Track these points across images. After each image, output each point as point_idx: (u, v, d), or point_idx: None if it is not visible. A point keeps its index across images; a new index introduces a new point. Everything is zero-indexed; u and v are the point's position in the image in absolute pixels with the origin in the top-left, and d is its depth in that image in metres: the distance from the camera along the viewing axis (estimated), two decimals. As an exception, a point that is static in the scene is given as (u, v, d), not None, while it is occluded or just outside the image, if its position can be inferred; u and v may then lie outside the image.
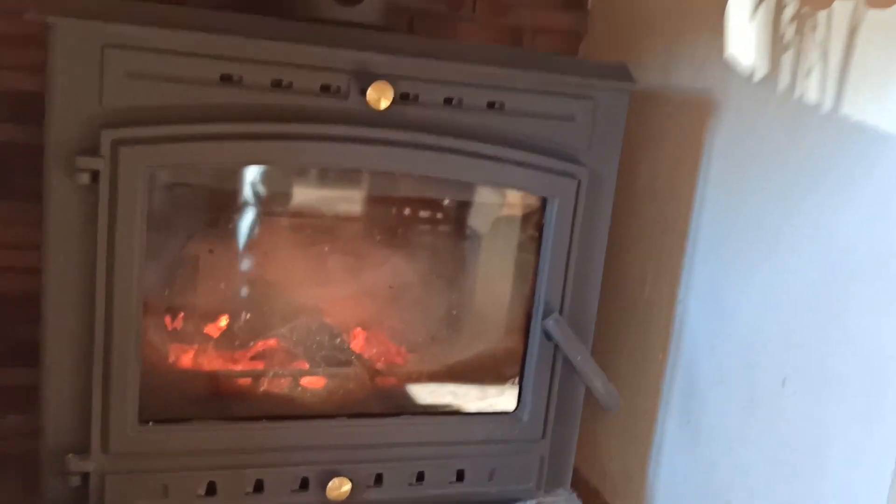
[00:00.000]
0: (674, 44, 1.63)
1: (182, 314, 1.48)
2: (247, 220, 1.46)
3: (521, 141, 1.42)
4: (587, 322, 1.52)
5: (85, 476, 1.30)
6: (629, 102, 1.47)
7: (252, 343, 1.47)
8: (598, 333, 1.56)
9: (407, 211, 1.55)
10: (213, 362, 1.45)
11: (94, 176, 1.21)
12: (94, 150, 1.20)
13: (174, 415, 1.37)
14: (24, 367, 1.46)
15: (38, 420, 1.30)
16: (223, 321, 1.50)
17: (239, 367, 1.46)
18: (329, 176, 1.45)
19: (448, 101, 1.37)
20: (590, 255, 1.50)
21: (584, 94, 1.44)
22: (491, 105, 1.40)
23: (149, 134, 1.23)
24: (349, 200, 1.49)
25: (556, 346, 1.48)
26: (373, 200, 1.52)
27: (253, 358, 1.47)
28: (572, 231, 1.46)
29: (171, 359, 1.41)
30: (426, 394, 1.54)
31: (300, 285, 1.51)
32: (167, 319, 1.47)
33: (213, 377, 1.44)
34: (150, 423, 1.33)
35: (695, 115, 1.55)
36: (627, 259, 1.76)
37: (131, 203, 1.23)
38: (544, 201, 1.46)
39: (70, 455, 1.29)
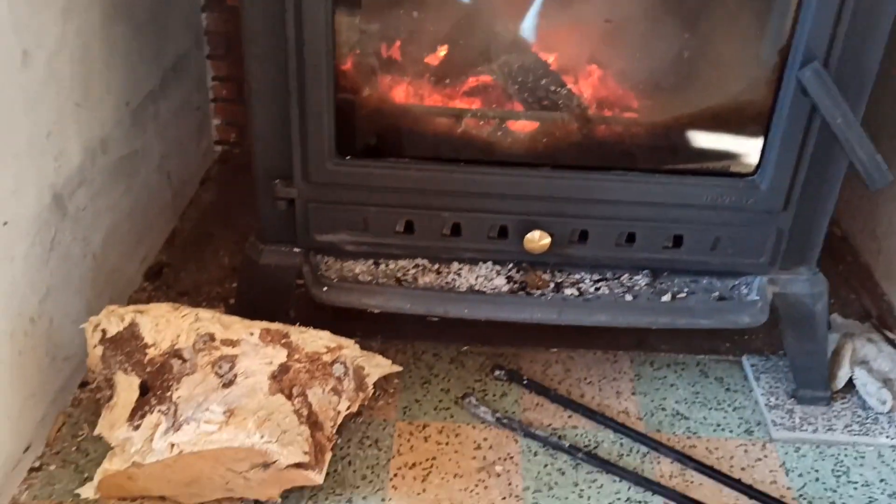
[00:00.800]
0: None
1: (398, 43, 1.39)
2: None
3: None
4: (862, 79, 1.20)
5: (291, 202, 1.33)
6: None
7: (461, 79, 1.36)
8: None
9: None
10: (417, 96, 1.37)
11: None
12: None
13: (373, 151, 1.33)
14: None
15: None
16: (437, 51, 1.39)
17: (441, 104, 1.36)
18: None
19: None
20: (877, -8, 1.14)
21: None
22: None
23: None
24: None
25: (814, 107, 1.20)
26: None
27: (459, 95, 1.36)
28: (856, -47, 1.11)
29: (373, 93, 1.35)
30: (644, 147, 1.35)
31: (505, 18, 1.33)
32: (383, 47, 1.40)
33: (414, 114, 1.37)
34: (348, 158, 1.30)
35: None
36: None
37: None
38: None
39: (277, 181, 1.32)
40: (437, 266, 1.40)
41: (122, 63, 1.54)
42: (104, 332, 1.22)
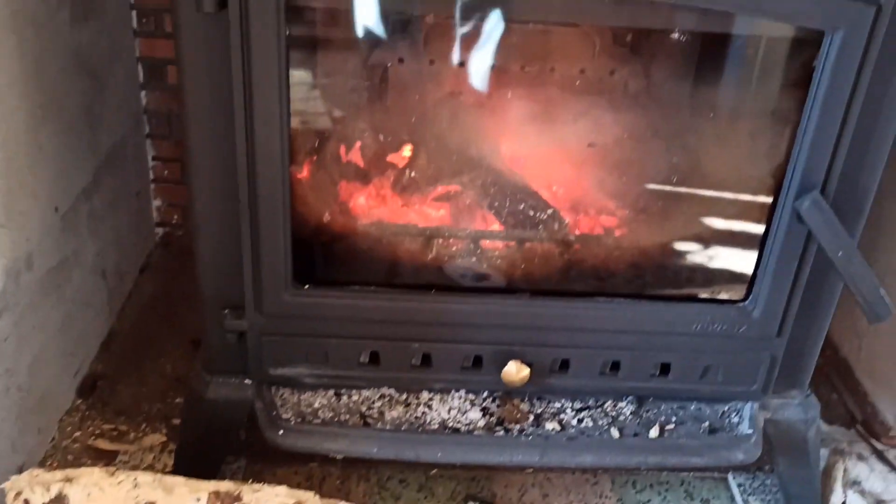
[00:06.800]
0: None
1: (358, 144, 1.28)
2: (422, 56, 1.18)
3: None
4: (859, 207, 1.12)
5: (242, 334, 1.20)
6: None
7: (432, 199, 1.25)
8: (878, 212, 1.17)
9: (619, 46, 1.18)
10: (382, 218, 1.25)
11: (222, 2, 0.98)
12: (218, -30, 0.96)
13: (333, 278, 1.21)
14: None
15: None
16: (404, 153, 1.29)
17: (409, 221, 1.25)
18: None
19: None
20: (879, 116, 1.06)
21: None
22: None
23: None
24: (543, 42, 1.15)
25: (810, 233, 1.12)
26: (579, 37, 1.17)
27: (430, 217, 1.25)
28: (857, 79, 1.03)
29: (334, 214, 1.23)
30: (630, 272, 1.25)
31: (483, 136, 1.23)
32: (342, 150, 1.29)
33: (379, 237, 1.25)
34: (307, 286, 1.18)
35: None
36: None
37: (266, 39, 1.00)
38: (819, 35, 1.03)
39: (226, 311, 1.19)
40: (405, 397, 1.28)
41: (51, 166, 1.39)
42: (26, 502, 1.07)
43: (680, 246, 1.24)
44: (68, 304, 1.48)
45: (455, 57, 1.25)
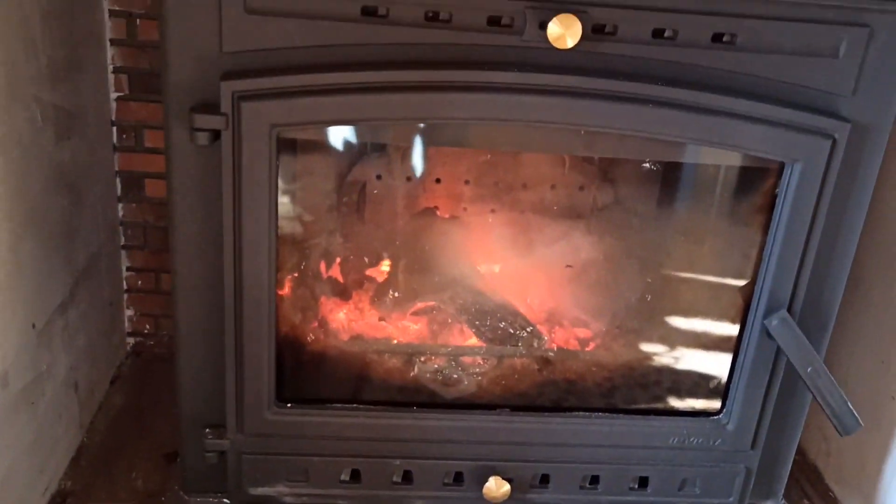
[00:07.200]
0: None
1: (338, 261, 1.30)
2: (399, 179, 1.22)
3: (756, 87, 1.05)
4: (824, 323, 1.18)
5: (222, 454, 1.20)
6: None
7: (413, 318, 1.27)
8: (839, 320, 1.22)
9: (595, 174, 1.24)
10: (364, 337, 1.27)
11: (216, 135, 1.02)
12: (213, 106, 1.00)
13: (315, 396, 1.22)
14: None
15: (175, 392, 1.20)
16: (383, 269, 1.32)
17: (389, 338, 1.27)
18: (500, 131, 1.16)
19: (657, 33, 1.02)
20: (838, 238, 1.13)
21: (855, 21, 1.03)
22: (717, 38, 1.03)
23: (277, 85, 1.01)
24: (517, 162, 1.21)
25: (780, 349, 1.16)
26: (552, 161, 1.23)
27: (406, 327, 1.27)
28: (817, 206, 1.10)
29: (314, 330, 1.25)
30: (607, 388, 1.28)
31: (461, 256, 1.27)
32: (322, 267, 1.31)
33: (360, 353, 1.27)
34: (289, 405, 1.18)
35: None
36: (882, 209, 1.36)
37: (258, 168, 1.03)
38: (781, 165, 1.10)
39: (207, 430, 1.19)
40: (385, 514, 1.28)
41: (29, 283, 1.39)
42: None
43: (656, 361, 1.27)
44: (40, 420, 1.46)
45: (431, 174, 1.30)
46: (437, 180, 1.33)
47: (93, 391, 1.76)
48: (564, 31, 0.99)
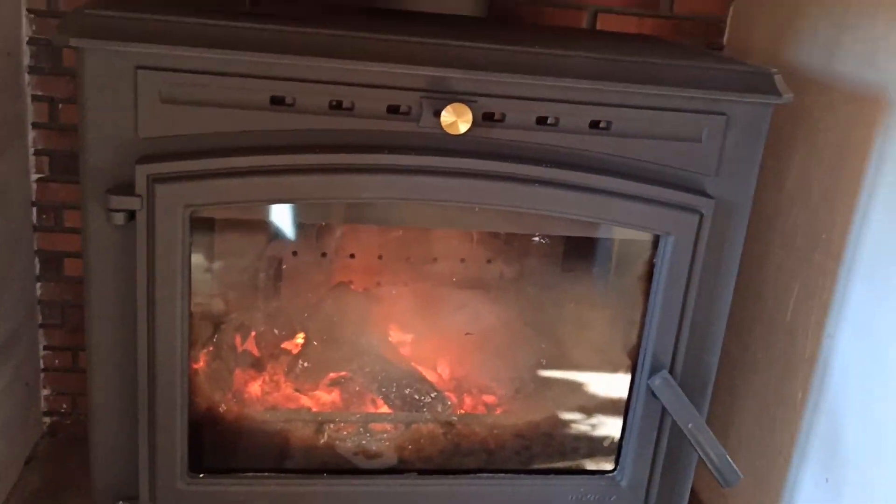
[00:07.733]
0: (841, 21, 1.32)
1: (253, 334, 1.36)
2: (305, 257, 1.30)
3: (630, 168, 1.17)
4: (704, 380, 1.28)
5: (135, 526, 1.22)
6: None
7: (321, 387, 1.33)
8: (724, 363, 1.32)
9: (489, 248, 1.34)
10: (274, 406, 1.32)
11: (131, 215, 1.08)
12: (129, 188, 1.07)
13: (229, 466, 1.26)
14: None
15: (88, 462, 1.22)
16: (297, 341, 1.37)
17: (303, 408, 1.32)
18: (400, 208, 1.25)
19: (541, 121, 1.14)
20: (711, 303, 1.24)
21: (714, 110, 1.16)
22: (595, 125, 1.15)
23: (189, 168, 1.08)
24: (417, 238, 1.30)
25: (664, 407, 1.25)
26: (448, 237, 1.32)
27: (318, 397, 1.33)
28: (690, 275, 1.21)
29: (227, 401, 1.29)
30: (508, 450, 1.35)
31: (373, 328, 1.35)
32: (237, 340, 1.36)
33: (272, 423, 1.32)
34: (202, 475, 1.22)
35: (864, 111, 1.25)
36: (766, 277, 1.49)
37: (171, 246, 1.10)
38: (657, 238, 1.21)
39: (119, 503, 1.21)
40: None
41: (-57, 363, 1.40)
42: None
43: (553, 422, 1.35)
44: (-49, 502, 1.45)
45: (345, 250, 1.38)
46: (352, 255, 1.41)
47: (6, 471, 1.74)
48: (457, 119, 1.09)
